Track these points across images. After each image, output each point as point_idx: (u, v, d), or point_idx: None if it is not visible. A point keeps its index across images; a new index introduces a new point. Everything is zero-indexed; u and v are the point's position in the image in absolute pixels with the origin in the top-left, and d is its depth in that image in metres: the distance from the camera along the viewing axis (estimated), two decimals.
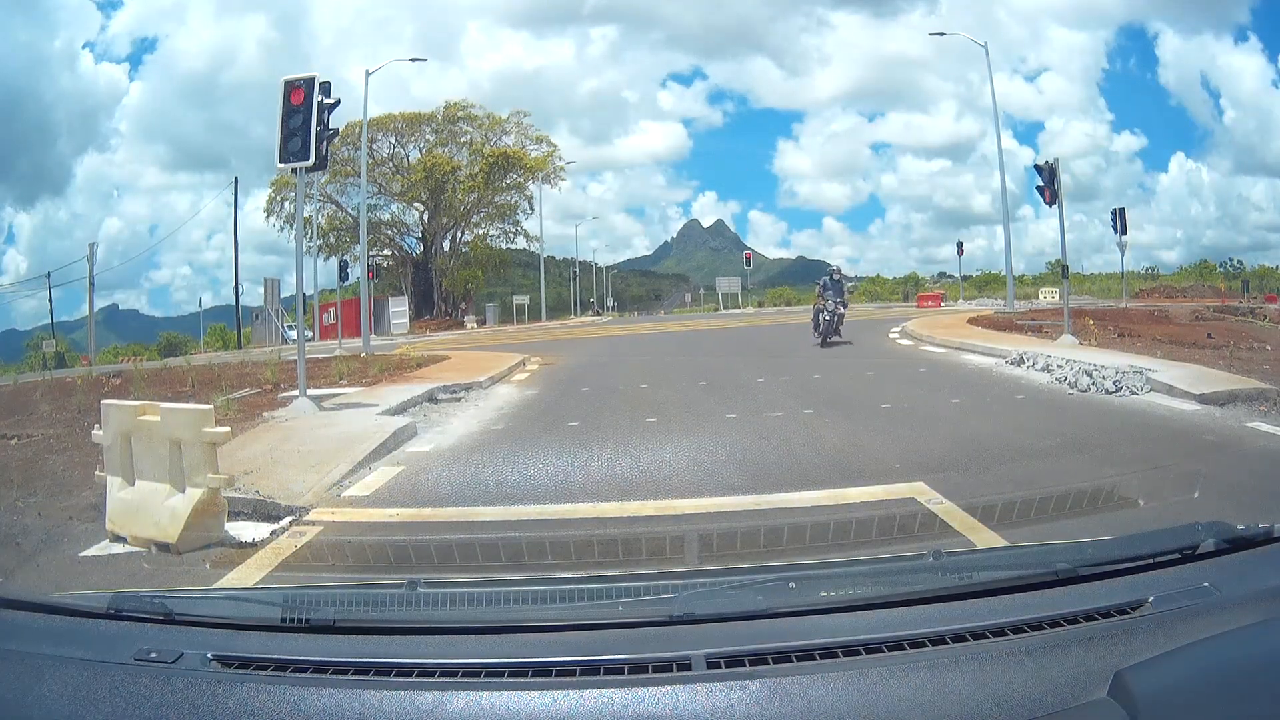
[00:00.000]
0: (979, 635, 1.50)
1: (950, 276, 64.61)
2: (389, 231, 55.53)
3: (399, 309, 47.34)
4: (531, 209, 55.04)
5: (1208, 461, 6.24)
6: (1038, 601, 1.63)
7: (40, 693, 1.46)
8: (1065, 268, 17.07)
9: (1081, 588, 1.68)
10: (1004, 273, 38.58)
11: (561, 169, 55.48)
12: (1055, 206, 16.37)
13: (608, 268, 72.48)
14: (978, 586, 1.72)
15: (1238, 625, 1.46)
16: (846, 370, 13.27)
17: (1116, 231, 29.23)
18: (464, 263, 55.29)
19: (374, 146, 51.38)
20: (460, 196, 53.32)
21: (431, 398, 11.12)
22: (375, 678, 1.48)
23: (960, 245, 48.85)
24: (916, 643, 1.48)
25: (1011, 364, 12.50)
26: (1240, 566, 1.73)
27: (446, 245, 55.35)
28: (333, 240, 51.18)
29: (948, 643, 1.49)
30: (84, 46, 43.08)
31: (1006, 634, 1.51)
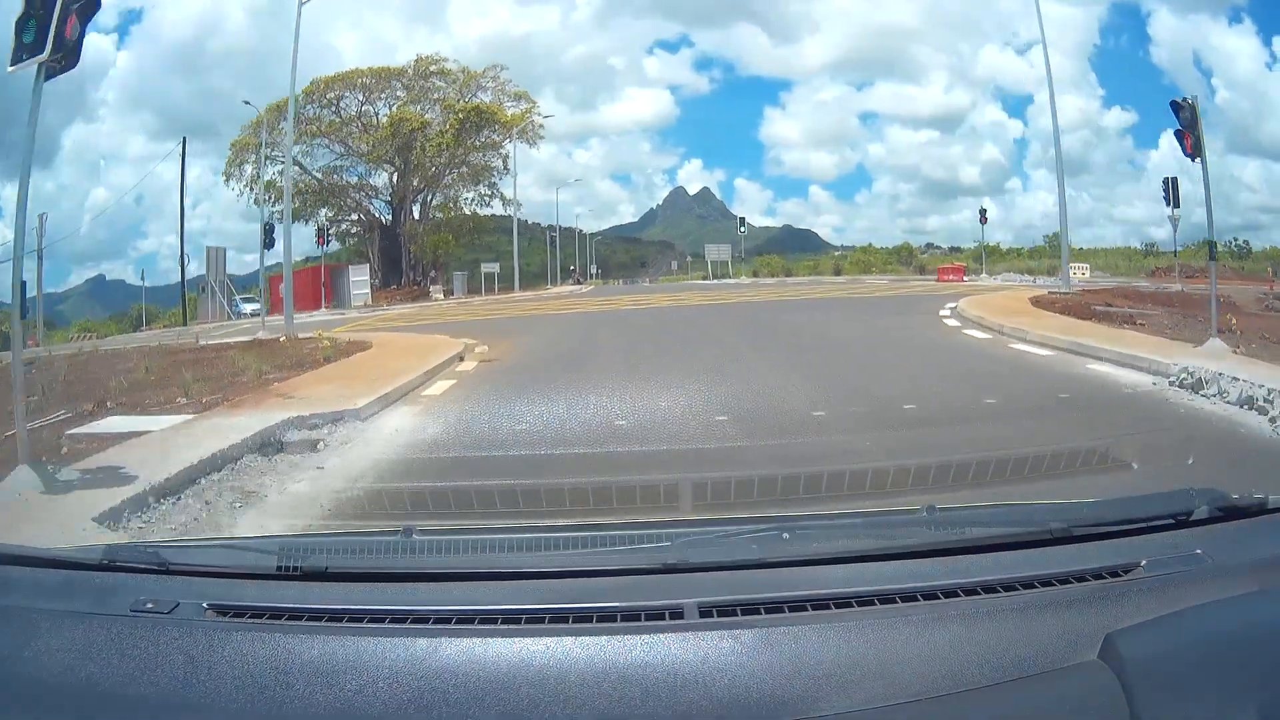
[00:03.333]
0: (970, 591, 1.51)
1: (937, 247, 62.47)
2: (356, 195, 51.92)
3: (359, 278, 44.35)
4: (506, 169, 51.12)
5: None
6: (1030, 559, 1.64)
7: (36, 647, 1.46)
8: (1213, 245, 12.17)
9: (1074, 548, 1.69)
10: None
11: (541, 126, 51.52)
12: (1196, 160, 11.88)
13: (591, 234, 70.26)
14: (970, 542, 1.73)
15: (1229, 594, 1.47)
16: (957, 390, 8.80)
17: (1169, 204, 26.95)
18: (434, 227, 51.57)
19: (340, 104, 49.13)
20: (430, 155, 49.28)
21: (235, 458, 6.36)
22: (369, 624, 1.48)
23: (984, 212, 44.86)
24: (908, 596, 1.49)
25: (1183, 388, 8.21)
26: (1233, 535, 1.74)
27: (417, 210, 51.87)
28: (296, 205, 46.04)
29: (939, 597, 1.49)
30: None
31: (998, 591, 1.52)
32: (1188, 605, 1.44)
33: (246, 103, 45.81)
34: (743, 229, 58.49)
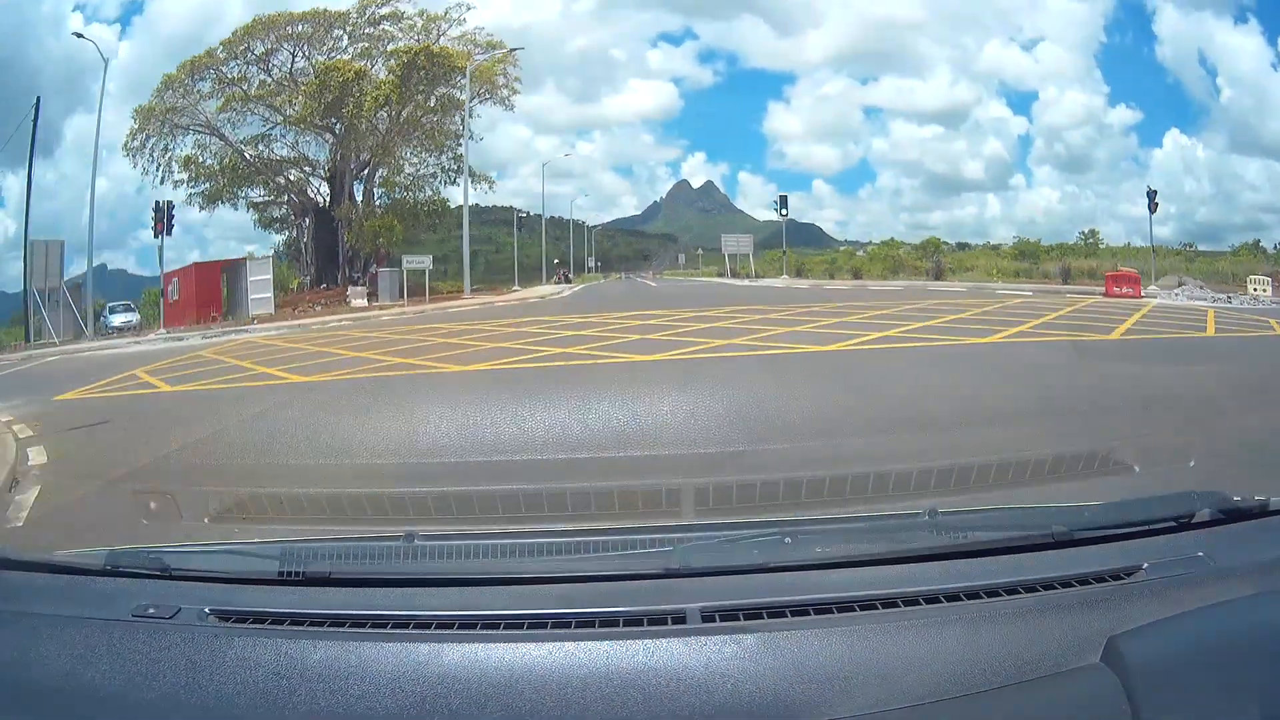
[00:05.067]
0: (973, 595, 1.51)
1: (947, 244, 57.12)
2: (293, 172, 39.61)
3: (259, 279, 32.54)
4: (462, 126, 37.71)
5: None
6: (1032, 563, 1.64)
7: (39, 652, 1.47)
8: None
9: (1076, 551, 1.69)
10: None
11: (516, 80, 38.75)
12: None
13: (594, 227, 66.73)
14: (973, 546, 1.73)
15: (1231, 596, 1.47)
16: None
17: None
18: (387, 210, 38.80)
19: (269, 59, 37.29)
20: (368, 114, 36.64)
21: None
22: (372, 630, 1.48)
23: (1153, 197, 32.66)
24: (910, 600, 1.50)
25: None
26: (1235, 538, 1.74)
27: (362, 190, 39.35)
28: (220, 184, 37.30)
29: (941, 601, 1.50)
30: (73, 10, 38.86)
31: (1000, 594, 1.52)
32: (1190, 608, 1.44)
33: (78, 35, 34.73)
34: (784, 211, 44.20)
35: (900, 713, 1.25)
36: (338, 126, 37.57)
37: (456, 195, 39.56)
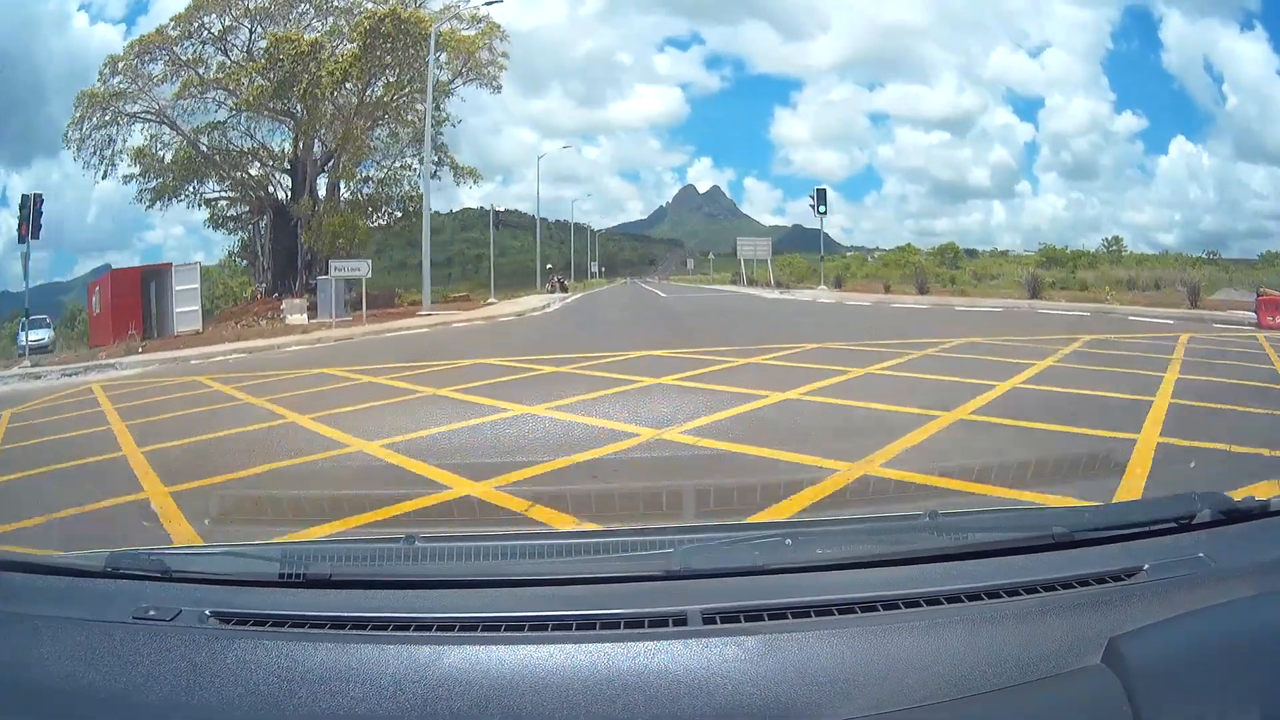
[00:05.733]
0: (974, 596, 1.51)
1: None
2: (255, 166, 33.65)
3: (185, 289, 27.26)
4: (428, 101, 30.71)
5: None
6: (1033, 564, 1.64)
7: (39, 654, 1.47)
8: None
9: (1077, 552, 1.69)
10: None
11: (504, 55, 32.35)
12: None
13: (600, 231, 64.57)
14: (973, 547, 1.73)
15: (1232, 597, 1.47)
16: None
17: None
18: (346, 206, 32.32)
19: (227, 38, 31.66)
20: (325, 90, 30.68)
21: None
22: (372, 632, 1.48)
23: None
24: (911, 602, 1.49)
25: None
26: (1236, 539, 1.74)
27: (325, 182, 33.04)
28: (168, 180, 31.71)
29: (942, 603, 1.49)
30: (79, 9, 37.26)
31: (1001, 596, 1.51)
32: (1191, 609, 1.44)
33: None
34: (822, 208, 35.67)
35: (902, 714, 1.25)
36: (300, 111, 31.71)
37: (439, 192, 33.66)
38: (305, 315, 27.17)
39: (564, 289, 39.92)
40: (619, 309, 27.56)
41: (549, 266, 41.42)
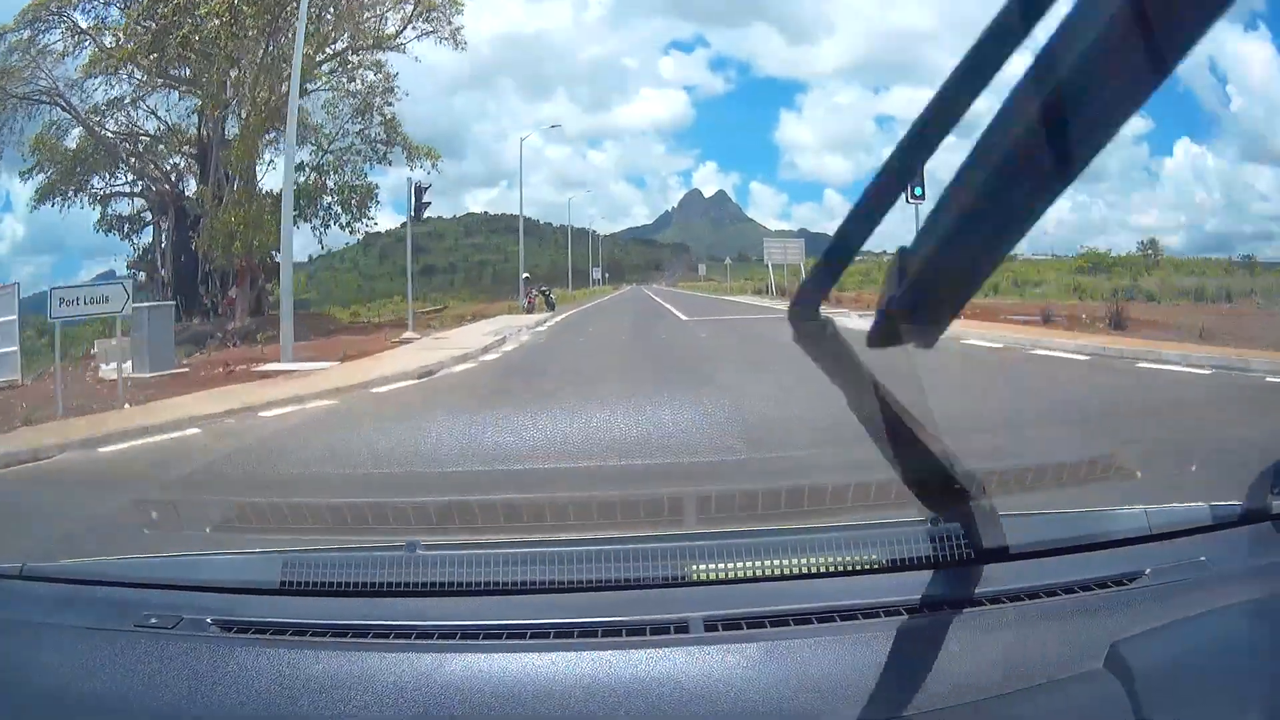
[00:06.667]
0: (975, 602, 1.51)
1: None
2: (171, 153, 26.64)
3: None
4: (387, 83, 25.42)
5: None
6: (1033, 570, 1.64)
7: (40, 661, 1.47)
8: None
9: (1078, 557, 1.68)
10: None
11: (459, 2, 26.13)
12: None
13: (605, 236, 61.15)
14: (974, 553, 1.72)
15: (1234, 601, 1.47)
16: None
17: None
18: (267, 198, 23.81)
19: (158, 9, 23.91)
20: (213, 41, 23.19)
21: None
22: (374, 639, 1.49)
23: None
24: (913, 608, 1.49)
25: None
26: (1237, 542, 1.73)
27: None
28: (54, 176, 25.47)
29: (943, 609, 1.49)
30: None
31: (1002, 601, 1.51)
32: (1193, 613, 1.43)
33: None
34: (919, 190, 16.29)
35: None
36: (193, 74, 24.41)
37: (440, 194, 28.35)
38: (131, 362, 14.86)
39: (549, 304, 31.64)
40: (613, 350, 16.58)
41: (525, 276, 34.13)
